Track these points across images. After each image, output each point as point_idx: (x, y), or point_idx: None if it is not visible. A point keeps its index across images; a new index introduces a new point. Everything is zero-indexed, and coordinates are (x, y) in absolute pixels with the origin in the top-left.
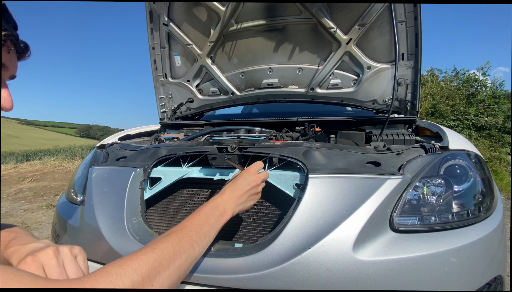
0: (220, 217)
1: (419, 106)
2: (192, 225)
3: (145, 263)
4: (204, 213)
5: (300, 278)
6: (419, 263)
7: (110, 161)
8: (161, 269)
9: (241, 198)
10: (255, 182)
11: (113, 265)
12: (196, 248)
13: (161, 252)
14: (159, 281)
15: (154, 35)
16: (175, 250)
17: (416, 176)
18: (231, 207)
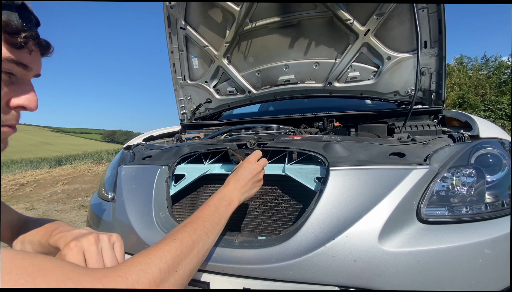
0: (228, 206)
1: (445, 95)
2: (204, 215)
3: (168, 252)
4: (214, 203)
5: (325, 269)
6: (451, 255)
7: (136, 160)
8: (183, 257)
9: (245, 186)
10: (256, 170)
11: (140, 255)
12: (210, 236)
13: (180, 242)
14: (182, 267)
15: (173, 39)
16: (193, 239)
17: (444, 166)
18: (237, 196)
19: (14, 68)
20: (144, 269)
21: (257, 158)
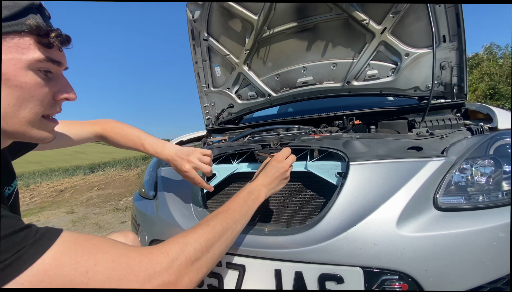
0: (255, 200)
1: (467, 88)
2: (234, 206)
3: (202, 236)
4: (243, 196)
5: (347, 251)
6: (467, 238)
7: None
8: (214, 241)
9: (272, 183)
10: (283, 168)
11: (180, 236)
12: (238, 225)
13: (213, 228)
14: (213, 249)
15: (196, 51)
16: (223, 226)
17: (461, 157)
18: (264, 192)
19: (50, 66)
20: (182, 247)
21: (285, 156)
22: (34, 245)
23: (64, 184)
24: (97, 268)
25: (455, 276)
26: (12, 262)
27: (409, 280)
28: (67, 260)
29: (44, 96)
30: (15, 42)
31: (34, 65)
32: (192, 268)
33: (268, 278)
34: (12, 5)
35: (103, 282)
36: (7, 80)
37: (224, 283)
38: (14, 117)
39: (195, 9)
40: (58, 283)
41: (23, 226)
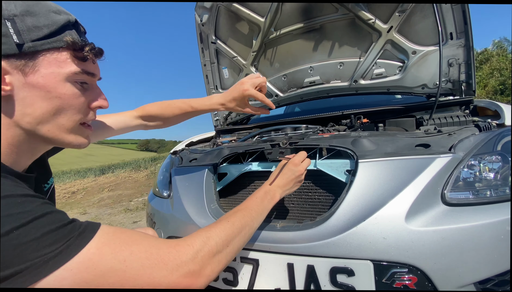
0: (271, 200)
1: (475, 85)
2: (252, 205)
3: (223, 231)
4: (259, 196)
5: (357, 246)
6: (475, 232)
7: (185, 163)
8: (233, 236)
9: (287, 185)
10: (299, 172)
11: (203, 230)
12: (255, 223)
13: (232, 224)
14: (232, 243)
15: (205, 53)
16: (242, 223)
17: (469, 154)
18: (279, 193)
19: (85, 78)
20: (205, 241)
21: (301, 159)
22: (79, 236)
23: (76, 186)
24: (132, 257)
25: (464, 269)
26: (62, 250)
27: (418, 273)
28: (108, 250)
29: (81, 105)
30: (54, 57)
31: (71, 77)
32: (213, 259)
33: (281, 272)
34: (51, 24)
35: (137, 269)
36: (48, 92)
37: (239, 277)
38: (55, 125)
39: (203, 13)
40: (101, 269)
41: (69, 220)
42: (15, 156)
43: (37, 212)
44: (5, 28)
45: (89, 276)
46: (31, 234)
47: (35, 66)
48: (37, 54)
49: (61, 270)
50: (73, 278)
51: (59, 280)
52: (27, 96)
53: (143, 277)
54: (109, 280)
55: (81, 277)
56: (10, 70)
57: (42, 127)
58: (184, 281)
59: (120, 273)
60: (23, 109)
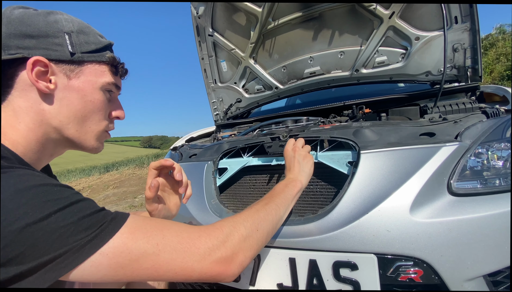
0: (293, 187)
1: (482, 70)
2: (274, 193)
3: (249, 216)
4: (279, 187)
5: (360, 239)
6: (483, 223)
7: (184, 159)
8: (260, 220)
9: (296, 167)
10: (294, 151)
11: (229, 217)
12: (281, 208)
13: (257, 210)
14: (261, 229)
15: (202, 47)
16: (266, 209)
17: (476, 142)
18: (297, 177)
19: (113, 89)
20: (233, 225)
21: (291, 145)
22: (112, 221)
23: (81, 184)
24: (165, 241)
25: (472, 261)
26: (97, 234)
27: (424, 266)
28: (140, 234)
29: (106, 112)
30: (96, 68)
31: (104, 87)
32: (245, 244)
33: (282, 266)
34: (97, 42)
35: (170, 253)
36: (84, 95)
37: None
38: (83, 125)
39: (199, 5)
40: (135, 253)
41: (101, 207)
42: (39, 155)
43: (72, 199)
44: (62, 39)
45: (124, 261)
46: (68, 218)
47: (78, 73)
48: (83, 64)
49: (97, 255)
50: (108, 263)
51: (95, 265)
52: (66, 97)
53: (176, 262)
54: (144, 265)
55: (117, 262)
56: (58, 72)
57: (72, 127)
58: (216, 267)
59: (154, 258)
60: (59, 107)
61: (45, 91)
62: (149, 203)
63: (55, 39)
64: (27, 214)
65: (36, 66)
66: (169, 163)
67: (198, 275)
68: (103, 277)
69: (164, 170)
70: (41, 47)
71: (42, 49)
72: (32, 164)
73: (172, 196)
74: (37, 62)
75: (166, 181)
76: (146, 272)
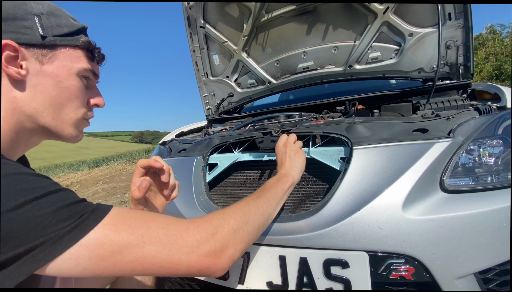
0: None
1: (474, 68)
2: (265, 188)
3: (239, 209)
4: (270, 183)
5: (352, 236)
6: (475, 220)
7: (173, 154)
8: (250, 213)
9: (287, 163)
10: (285, 146)
11: (218, 210)
12: (272, 202)
13: (247, 203)
14: (252, 220)
15: (193, 39)
16: (256, 202)
17: (468, 138)
18: (288, 172)
19: (90, 76)
20: (223, 217)
21: (283, 140)
22: (93, 212)
23: (69, 179)
24: (150, 233)
25: (463, 259)
26: (77, 225)
27: (415, 263)
28: (123, 225)
29: (84, 99)
30: (70, 53)
31: (81, 72)
32: (235, 237)
33: (272, 264)
34: (70, 25)
35: (156, 245)
36: (60, 81)
37: (230, 270)
38: (60, 113)
39: None
40: (118, 245)
41: (82, 198)
42: (12, 145)
43: (50, 188)
44: (32, 22)
45: (105, 253)
46: (45, 207)
47: (52, 58)
48: (56, 48)
49: (76, 246)
50: (89, 256)
51: (75, 258)
52: (39, 83)
53: (162, 254)
54: (127, 257)
55: (98, 254)
56: (29, 57)
57: (48, 115)
58: (205, 260)
59: (138, 250)
60: (33, 95)
61: (16, 77)
62: (135, 203)
63: (24, 21)
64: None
65: (5, 50)
66: (158, 165)
67: (186, 268)
68: (83, 271)
69: (152, 168)
70: (10, 30)
71: (11, 33)
72: (6, 154)
73: (159, 196)
74: (6, 46)
75: (153, 180)
76: (130, 266)
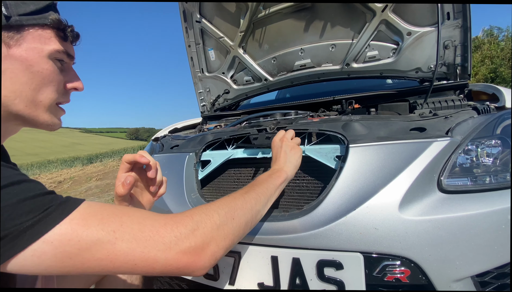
0: (277, 178)
1: (471, 68)
2: (254, 184)
3: (224, 204)
4: (262, 178)
5: (346, 237)
6: (473, 221)
7: (165, 150)
8: (237, 208)
9: (282, 159)
10: (282, 141)
11: (202, 205)
12: (261, 198)
13: (234, 198)
14: (237, 216)
15: (189, 33)
16: (245, 197)
17: (467, 137)
18: (282, 168)
19: (64, 58)
20: (205, 212)
21: (280, 136)
22: (60, 206)
23: (62, 175)
24: (123, 229)
25: (461, 261)
26: (41, 219)
27: (411, 265)
28: (94, 220)
29: (59, 83)
30: (39, 33)
31: (53, 55)
32: (218, 233)
33: (264, 265)
34: (37, 2)
35: (129, 242)
36: (30, 65)
37: (220, 270)
38: (33, 100)
39: None
40: (86, 242)
41: (49, 190)
42: None
43: (13, 178)
44: None
45: (72, 250)
46: (6, 199)
47: (19, 40)
48: (23, 28)
49: (40, 242)
50: (53, 252)
51: (38, 254)
52: (8, 69)
53: (135, 252)
54: (96, 255)
55: (63, 251)
56: None
57: (20, 102)
58: (184, 258)
59: (109, 247)
60: (2, 81)
61: None
62: (119, 200)
63: None
64: None
65: None
66: (144, 160)
67: (162, 266)
68: (47, 269)
69: (138, 164)
70: None
71: None
72: None
73: (145, 192)
74: None
75: (140, 176)
76: (100, 263)
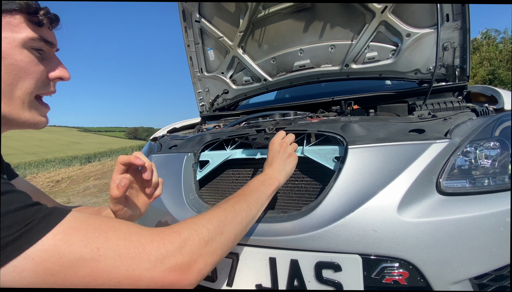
0: (268, 186)
1: (470, 70)
2: (246, 192)
3: (214, 217)
4: (254, 184)
5: (345, 238)
6: (471, 224)
7: (164, 150)
8: (227, 222)
9: (277, 166)
10: (281, 146)
11: (191, 218)
12: (252, 208)
13: (224, 210)
14: (227, 231)
15: (188, 33)
16: (235, 208)
17: (466, 139)
18: (275, 176)
19: (42, 46)
20: (194, 227)
21: (280, 138)
22: (44, 219)
23: (60, 175)
24: (108, 245)
25: (459, 264)
26: (22, 234)
27: (410, 268)
28: (78, 236)
29: (39, 74)
30: (7, 21)
31: (27, 43)
32: (206, 249)
33: (262, 266)
34: None
35: (113, 260)
36: (2, 58)
37: (217, 272)
38: (11, 97)
39: None
40: (68, 259)
41: (33, 202)
42: None
43: None
44: None
45: (54, 267)
46: None
47: None
48: None
49: (20, 258)
50: (34, 269)
51: (18, 271)
52: None
53: (119, 270)
54: (79, 273)
55: (45, 268)
56: None
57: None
58: (170, 276)
59: (92, 264)
60: None
61: None
62: (114, 203)
63: None
64: None
65: None
66: (139, 162)
67: (147, 284)
68: (28, 285)
69: (133, 165)
70: None
71: None
72: None
73: (141, 194)
74: None
75: (135, 177)
76: (83, 281)
